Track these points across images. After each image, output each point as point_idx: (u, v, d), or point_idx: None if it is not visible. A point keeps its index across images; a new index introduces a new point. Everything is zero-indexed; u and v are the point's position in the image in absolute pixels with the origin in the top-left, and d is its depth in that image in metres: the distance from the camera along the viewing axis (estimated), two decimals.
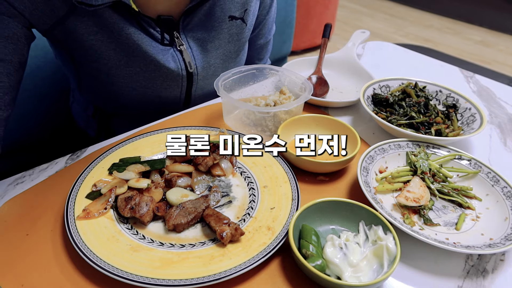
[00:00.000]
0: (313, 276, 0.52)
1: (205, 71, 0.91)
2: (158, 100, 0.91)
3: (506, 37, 4.05)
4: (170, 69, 0.86)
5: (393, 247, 0.54)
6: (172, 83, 0.89)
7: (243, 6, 0.91)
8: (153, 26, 0.82)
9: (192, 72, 0.89)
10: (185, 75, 0.89)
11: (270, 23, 1.08)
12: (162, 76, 0.86)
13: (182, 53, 0.86)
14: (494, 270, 0.59)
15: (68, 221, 0.58)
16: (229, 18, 0.89)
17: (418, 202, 0.65)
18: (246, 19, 0.93)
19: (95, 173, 0.68)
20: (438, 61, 1.27)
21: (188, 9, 0.83)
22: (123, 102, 0.90)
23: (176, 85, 0.90)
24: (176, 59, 0.86)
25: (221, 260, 0.55)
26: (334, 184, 0.73)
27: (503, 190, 0.68)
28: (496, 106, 1.03)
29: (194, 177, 0.70)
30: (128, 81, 0.85)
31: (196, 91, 0.94)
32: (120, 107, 0.94)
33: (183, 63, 0.87)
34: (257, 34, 1.07)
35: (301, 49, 3.32)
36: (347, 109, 0.96)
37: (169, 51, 0.85)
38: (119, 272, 0.52)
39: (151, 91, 0.88)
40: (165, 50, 0.84)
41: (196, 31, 0.87)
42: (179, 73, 0.88)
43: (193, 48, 0.88)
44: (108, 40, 0.79)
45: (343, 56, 1.13)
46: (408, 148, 0.77)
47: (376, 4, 4.90)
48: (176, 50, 0.86)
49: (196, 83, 0.92)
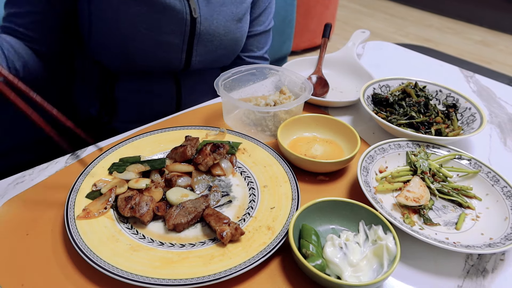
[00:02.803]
0: (313, 275, 0.52)
1: (207, 23, 0.94)
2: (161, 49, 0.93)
3: (506, 37, 4.05)
4: (175, 10, 0.89)
5: (393, 246, 0.54)
6: (176, 28, 0.91)
7: None
8: None
9: (196, 19, 0.92)
10: (189, 19, 0.91)
11: (269, 12, 1.13)
12: (167, 18, 0.89)
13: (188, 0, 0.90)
14: (494, 269, 0.59)
15: (68, 221, 0.58)
16: None
17: (418, 201, 0.65)
18: None
19: (95, 173, 0.68)
20: (438, 61, 1.27)
21: None
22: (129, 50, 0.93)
23: (179, 31, 0.92)
24: (182, 2, 0.89)
25: (221, 260, 0.55)
26: (334, 184, 0.73)
27: (503, 190, 0.68)
28: (496, 106, 1.03)
29: (194, 177, 0.70)
30: (135, 21, 0.88)
31: (197, 45, 0.96)
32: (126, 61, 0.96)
33: (188, 8, 0.90)
34: (257, 21, 1.11)
35: (301, 49, 3.32)
36: (347, 109, 0.96)
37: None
38: (119, 272, 0.52)
39: (154, 34, 0.91)
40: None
41: None
42: (183, 16, 0.90)
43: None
44: None
45: (343, 56, 1.13)
46: (408, 148, 0.77)
47: (376, 4, 4.90)
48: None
49: (198, 35, 0.95)
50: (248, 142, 0.79)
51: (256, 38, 1.14)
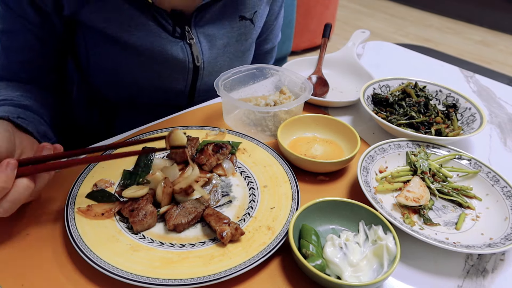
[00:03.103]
0: (313, 276, 0.52)
1: (211, 67, 0.93)
2: (164, 91, 0.92)
3: (506, 37, 4.06)
4: (178, 60, 0.88)
5: (393, 246, 0.54)
6: (179, 76, 0.91)
7: (253, 8, 0.94)
8: (166, 18, 0.84)
9: (199, 66, 0.91)
10: (192, 68, 0.90)
11: (277, 29, 1.11)
12: (170, 67, 0.88)
13: (191, 46, 0.88)
14: (494, 269, 0.59)
15: (68, 221, 0.58)
16: (240, 18, 0.92)
17: (418, 202, 0.65)
18: (255, 21, 0.96)
19: (95, 173, 0.68)
20: (438, 61, 1.27)
21: (201, 5, 0.86)
22: (129, 90, 0.92)
23: (182, 78, 0.91)
24: (184, 51, 0.88)
25: (221, 260, 0.55)
26: (334, 184, 0.73)
27: (503, 190, 0.68)
28: (496, 106, 1.03)
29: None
30: (137, 70, 0.88)
31: (200, 85, 0.95)
32: (126, 97, 0.95)
33: (191, 56, 0.89)
34: (265, 39, 1.09)
35: (301, 49, 3.32)
36: (347, 109, 0.96)
37: (179, 43, 0.87)
38: (119, 272, 0.52)
39: (158, 81, 0.90)
40: (175, 42, 0.86)
41: (207, 27, 0.89)
42: (186, 66, 0.89)
43: (202, 43, 0.90)
44: (120, 28, 0.82)
45: (343, 56, 1.13)
46: (408, 148, 0.77)
47: (376, 4, 4.90)
48: (186, 44, 0.88)
49: (202, 78, 0.94)
50: (248, 142, 0.79)
51: (263, 55, 1.13)
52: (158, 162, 0.72)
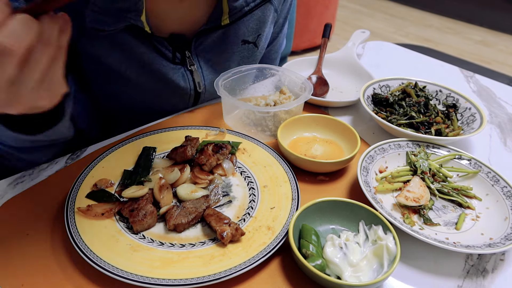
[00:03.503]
0: (313, 276, 0.52)
1: (213, 89, 0.90)
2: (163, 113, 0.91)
3: (506, 37, 4.06)
4: (179, 88, 0.86)
5: (393, 246, 0.54)
6: (180, 101, 0.90)
7: (257, 32, 0.90)
8: (165, 45, 0.82)
9: (201, 92, 0.90)
10: (193, 94, 0.89)
11: (282, 38, 1.09)
12: (171, 94, 0.87)
13: (192, 73, 0.86)
14: (494, 269, 0.59)
15: (68, 221, 0.58)
16: (242, 42, 0.89)
17: (418, 202, 0.65)
18: (258, 43, 0.93)
19: (95, 173, 0.68)
20: (438, 61, 1.27)
21: (201, 31, 0.83)
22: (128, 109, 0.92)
23: (183, 103, 0.91)
24: (186, 78, 0.86)
25: (221, 260, 0.55)
26: (334, 184, 0.73)
27: (503, 190, 0.68)
28: (496, 106, 1.03)
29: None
30: (136, 95, 0.87)
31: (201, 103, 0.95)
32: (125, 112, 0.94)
33: (193, 83, 0.87)
34: (270, 50, 1.07)
35: (301, 49, 3.32)
36: (347, 109, 0.96)
37: (180, 70, 0.85)
38: (119, 271, 0.52)
39: (157, 104, 0.89)
40: (175, 69, 0.84)
41: (208, 52, 0.87)
42: (188, 92, 0.88)
43: (203, 68, 0.88)
44: (119, 58, 0.80)
45: (343, 56, 1.13)
46: (408, 148, 0.77)
47: (376, 4, 4.90)
48: (187, 70, 0.86)
49: (202, 100, 0.94)
50: (248, 142, 0.79)
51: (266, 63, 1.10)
52: (158, 162, 0.72)
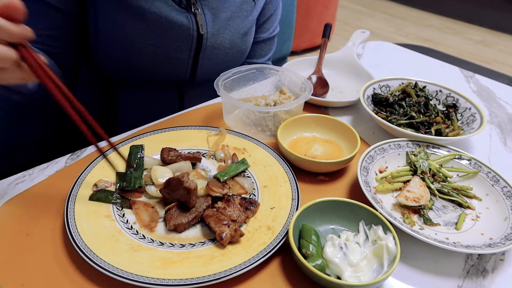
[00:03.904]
0: (313, 276, 0.52)
1: (214, 39, 0.95)
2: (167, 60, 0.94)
3: (506, 37, 4.06)
4: (183, 27, 0.89)
5: (393, 246, 0.54)
6: (183, 44, 0.92)
7: None
8: None
9: (203, 35, 0.93)
10: (196, 36, 0.92)
11: (275, 19, 1.14)
12: (174, 35, 0.90)
13: (196, 16, 0.91)
14: (494, 269, 0.59)
15: (68, 221, 0.58)
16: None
17: (418, 202, 0.65)
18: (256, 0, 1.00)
19: (95, 173, 0.68)
20: (438, 61, 1.27)
21: None
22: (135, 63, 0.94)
23: (186, 46, 0.93)
24: (189, 19, 0.90)
25: (221, 260, 0.55)
26: (334, 184, 0.73)
27: (503, 190, 0.68)
28: (496, 106, 1.03)
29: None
30: (142, 37, 0.89)
31: (203, 59, 0.97)
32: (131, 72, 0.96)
33: (196, 24, 0.91)
34: (262, 27, 1.11)
35: (301, 49, 3.32)
36: (347, 109, 0.96)
37: (184, 13, 0.89)
38: (119, 272, 0.52)
39: (161, 50, 0.91)
40: (180, 11, 0.89)
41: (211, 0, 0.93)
42: (190, 33, 0.91)
43: (207, 15, 0.93)
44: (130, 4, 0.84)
45: (343, 56, 1.13)
46: (408, 148, 0.77)
47: (376, 4, 4.90)
48: (191, 13, 0.90)
49: (204, 50, 0.95)
50: (248, 142, 0.79)
51: (260, 45, 1.14)
52: (148, 160, 0.72)
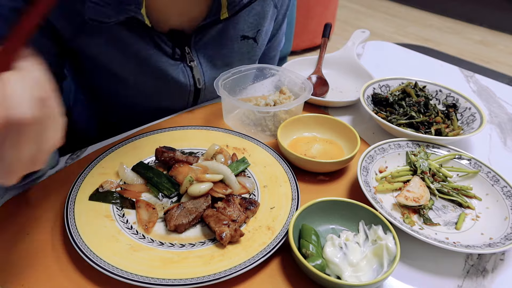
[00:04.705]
0: (313, 275, 0.52)
1: (213, 87, 0.90)
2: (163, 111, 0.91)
3: (506, 37, 4.05)
4: (179, 84, 0.86)
5: (393, 246, 0.54)
6: (179, 97, 0.90)
7: (256, 27, 0.90)
8: (165, 40, 0.81)
9: (200, 88, 0.90)
10: (193, 90, 0.89)
11: (281, 36, 1.09)
12: (171, 91, 0.87)
13: (192, 69, 0.86)
14: (494, 269, 0.59)
15: (68, 221, 0.58)
16: (241, 37, 0.89)
17: (418, 201, 0.65)
18: (258, 39, 0.92)
19: (95, 173, 0.68)
20: (438, 60, 1.27)
21: (200, 26, 0.82)
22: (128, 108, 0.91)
23: (183, 100, 0.91)
24: (186, 75, 0.86)
25: (221, 260, 0.55)
26: (334, 184, 0.73)
27: (503, 190, 0.68)
28: (496, 105, 1.03)
29: None
30: (136, 91, 0.86)
31: (201, 101, 0.95)
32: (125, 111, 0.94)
33: (193, 79, 0.87)
34: (269, 47, 1.07)
35: (301, 49, 3.32)
36: (347, 108, 0.96)
37: (179, 66, 0.85)
38: (119, 272, 0.52)
39: (157, 101, 0.89)
40: (175, 65, 0.84)
41: (207, 48, 0.87)
42: (188, 89, 0.88)
43: (203, 64, 0.88)
44: (118, 53, 0.79)
45: (343, 56, 1.13)
46: (408, 147, 0.77)
47: (376, 4, 4.90)
48: (186, 66, 0.85)
49: (202, 97, 0.93)
50: (248, 142, 0.79)
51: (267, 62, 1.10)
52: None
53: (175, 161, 0.71)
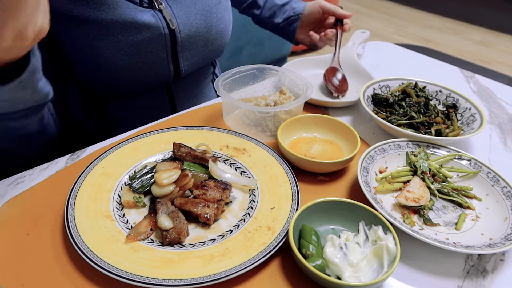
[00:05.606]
0: (313, 276, 0.52)
1: (188, 29, 0.90)
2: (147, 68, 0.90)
3: (506, 37, 4.06)
4: (151, 27, 0.85)
5: (393, 247, 0.54)
6: (156, 45, 0.88)
7: None
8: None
9: (175, 30, 0.88)
10: (168, 33, 0.88)
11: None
12: (145, 38, 0.85)
13: (162, 12, 0.86)
14: (494, 270, 0.59)
15: (68, 221, 0.58)
16: None
17: (418, 202, 0.65)
18: None
19: (95, 173, 0.68)
20: (438, 61, 1.27)
21: None
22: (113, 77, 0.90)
23: (160, 47, 0.88)
24: (156, 18, 0.85)
25: (221, 260, 0.55)
26: (334, 184, 0.73)
27: (503, 190, 0.68)
28: (496, 106, 1.03)
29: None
30: (113, 51, 0.85)
31: (182, 53, 0.93)
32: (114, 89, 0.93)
33: (164, 21, 0.86)
34: None
35: (301, 49, 3.32)
36: (347, 109, 0.96)
37: (149, 12, 0.85)
38: (119, 272, 0.52)
39: (137, 57, 0.87)
40: (144, 11, 0.84)
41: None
42: (161, 32, 0.86)
43: (172, 6, 0.88)
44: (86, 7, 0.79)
45: (343, 56, 1.12)
46: (408, 148, 0.77)
47: (376, 4, 4.90)
48: (156, 10, 0.86)
49: (181, 43, 0.91)
50: (248, 142, 0.79)
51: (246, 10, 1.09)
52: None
53: (192, 157, 0.71)
